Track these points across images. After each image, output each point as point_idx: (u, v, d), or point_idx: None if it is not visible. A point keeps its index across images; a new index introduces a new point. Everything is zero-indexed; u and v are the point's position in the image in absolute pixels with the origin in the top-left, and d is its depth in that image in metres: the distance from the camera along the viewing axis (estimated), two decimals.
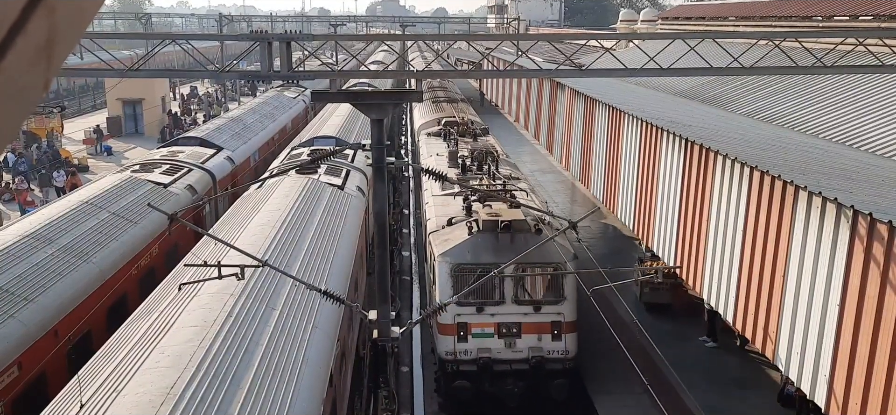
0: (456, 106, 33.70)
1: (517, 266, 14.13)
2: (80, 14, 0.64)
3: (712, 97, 27.29)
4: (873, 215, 8.89)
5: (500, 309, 14.77)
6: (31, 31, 0.61)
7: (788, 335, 10.82)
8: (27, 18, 0.60)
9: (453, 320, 14.69)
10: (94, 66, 17.11)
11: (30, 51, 0.61)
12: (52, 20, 0.61)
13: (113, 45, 63.20)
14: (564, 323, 14.86)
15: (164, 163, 19.93)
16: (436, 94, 39.17)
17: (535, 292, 14.87)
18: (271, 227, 13.14)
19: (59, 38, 0.63)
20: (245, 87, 57.87)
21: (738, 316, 12.53)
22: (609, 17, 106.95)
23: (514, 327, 14.78)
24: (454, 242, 15.23)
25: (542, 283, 14.87)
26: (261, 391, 7.92)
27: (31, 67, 0.62)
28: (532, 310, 14.78)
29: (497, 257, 14.28)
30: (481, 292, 14.61)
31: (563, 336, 14.79)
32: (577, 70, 14.88)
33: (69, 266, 12.77)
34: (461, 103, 35.78)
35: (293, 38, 12.83)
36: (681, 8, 56.76)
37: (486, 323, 14.75)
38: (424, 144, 25.78)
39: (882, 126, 18.40)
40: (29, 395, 10.49)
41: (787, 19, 31.53)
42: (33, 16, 0.60)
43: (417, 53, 67.92)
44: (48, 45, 0.62)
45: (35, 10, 0.60)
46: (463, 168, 20.09)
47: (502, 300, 14.80)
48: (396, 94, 11.71)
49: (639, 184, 18.18)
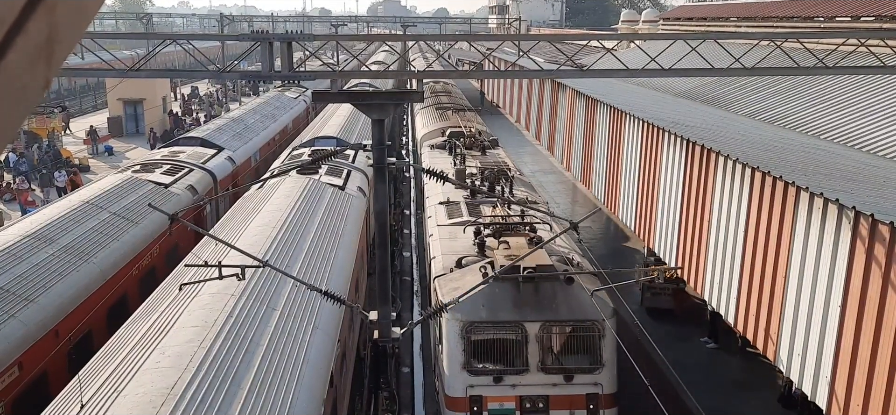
0: (462, 115, 30.65)
1: (544, 325, 11.78)
2: (80, 13, 0.63)
3: (714, 98, 27.27)
4: (875, 216, 8.87)
5: (523, 379, 11.79)
6: (32, 31, 0.60)
7: (790, 336, 10.81)
8: (27, 18, 0.60)
9: (465, 392, 11.76)
10: (95, 66, 17.12)
11: (30, 50, 0.61)
12: (51, 19, 0.61)
13: (114, 45, 63.27)
14: (602, 396, 11.83)
15: (164, 163, 19.93)
16: (439, 99, 35.95)
17: (565, 358, 11.93)
18: (272, 227, 13.13)
19: (60, 38, 0.62)
20: (245, 87, 57.91)
21: (740, 317, 12.51)
22: (610, 17, 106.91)
23: (540, 402, 11.79)
24: (465, 290, 11.99)
25: (574, 345, 12.02)
26: (261, 392, 7.91)
27: (31, 67, 0.62)
28: (562, 380, 11.80)
29: (519, 313, 11.80)
30: (500, 358, 11.85)
31: (602, 413, 11.88)
32: (579, 70, 14.87)
33: (70, 266, 12.77)
34: (467, 112, 32.77)
35: (294, 38, 12.83)
36: (682, 8, 56.74)
37: (505, 397, 11.83)
38: (427, 157, 22.81)
39: (884, 127, 18.37)
40: (30, 395, 10.49)
41: (789, 20, 31.51)
42: (33, 15, 0.60)
43: (418, 54, 67.93)
44: (48, 45, 0.62)
45: (35, 9, 0.60)
46: (472, 191, 17.13)
47: (526, 368, 11.82)
48: (397, 95, 11.71)
49: (640, 185, 18.17)
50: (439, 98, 36.34)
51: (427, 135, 27.10)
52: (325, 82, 11.90)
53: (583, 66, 15.10)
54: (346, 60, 24.22)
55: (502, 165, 20.41)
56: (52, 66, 0.63)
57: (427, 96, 35.95)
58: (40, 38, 0.61)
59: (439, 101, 34.70)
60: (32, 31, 0.60)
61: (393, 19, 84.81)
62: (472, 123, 27.56)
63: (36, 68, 0.62)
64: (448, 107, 32.84)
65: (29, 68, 0.62)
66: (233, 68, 14.36)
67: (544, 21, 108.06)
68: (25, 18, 0.59)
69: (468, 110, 33.18)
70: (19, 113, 0.61)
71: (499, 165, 20.34)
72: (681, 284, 19.84)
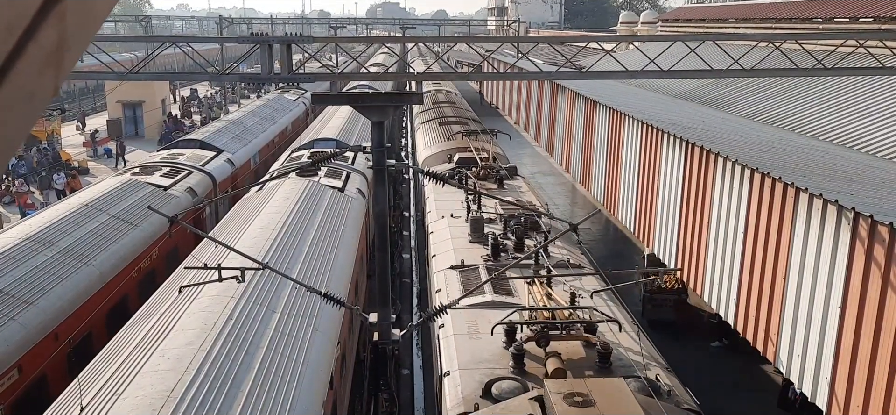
0: (472, 134, 25.04)
1: None
2: (89, 20, 0.64)
3: (713, 99, 27.29)
4: (874, 217, 8.88)
5: None
6: (42, 38, 0.61)
7: (790, 338, 10.81)
8: (38, 25, 0.60)
9: None
10: (94, 68, 17.13)
11: (40, 57, 0.61)
12: (62, 26, 0.61)
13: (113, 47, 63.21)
14: None
15: (164, 165, 19.93)
16: (441, 111, 30.84)
17: None
18: (272, 229, 13.13)
19: (69, 44, 0.63)
20: (245, 89, 57.90)
21: (740, 318, 12.52)
22: (609, 19, 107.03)
23: None
24: None
25: None
26: (261, 394, 7.91)
27: (41, 73, 0.62)
28: None
29: None
30: None
31: None
32: (578, 72, 14.87)
33: (69, 269, 12.76)
34: (474, 126, 27.29)
35: (293, 40, 12.83)
36: (681, 10, 56.79)
37: None
38: (433, 197, 17.19)
39: (883, 128, 18.40)
40: (29, 398, 10.48)
41: (788, 21, 31.54)
42: (45, 22, 0.60)
43: (418, 56, 67.96)
44: (58, 52, 0.62)
45: (46, 16, 0.60)
46: (495, 251, 12.69)
47: None
48: (397, 96, 11.71)
49: (639, 186, 18.17)
50: (442, 110, 31.70)
51: (431, 158, 22.87)
52: (325, 84, 11.90)
53: (582, 67, 15.10)
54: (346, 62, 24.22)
55: (529, 208, 15.29)
56: (61, 73, 0.64)
57: (428, 108, 32.45)
58: (51, 45, 0.61)
59: (442, 115, 30.18)
60: (43, 37, 0.60)
61: (392, 21, 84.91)
62: (484, 145, 22.80)
63: (45, 75, 0.63)
64: (452, 120, 28.44)
65: (38, 75, 0.62)
66: (232, 71, 14.36)
67: (543, 23, 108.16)
68: (37, 25, 0.60)
69: (474, 124, 28.05)
70: (28, 118, 0.62)
71: (524, 206, 15.25)
72: (682, 295, 19.77)
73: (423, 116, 31.13)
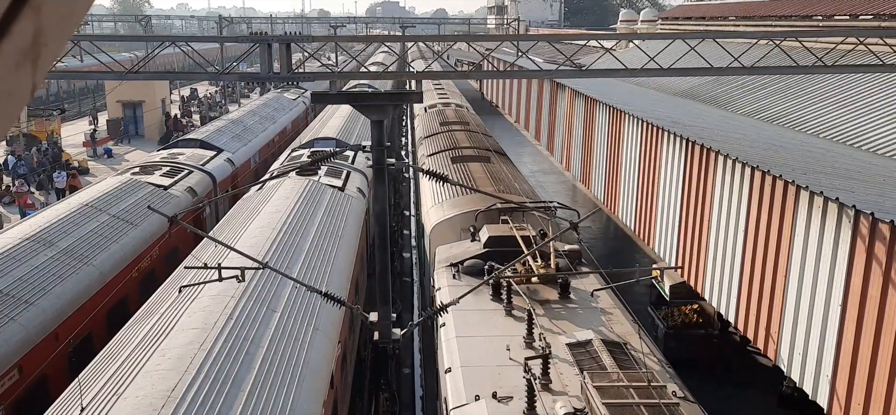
0: (503, 180, 17.21)
1: None
2: (67, 15, 0.62)
3: (713, 97, 27.26)
4: (875, 215, 8.86)
5: None
6: (16, 34, 0.59)
7: (790, 336, 10.80)
8: (11, 20, 0.58)
9: None
10: (93, 68, 17.11)
11: (14, 54, 0.59)
12: (37, 21, 0.59)
13: (113, 47, 63.21)
14: None
15: (164, 165, 19.92)
16: (454, 138, 22.46)
17: None
18: (272, 229, 13.12)
19: (46, 41, 0.61)
20: (245, 88, 57.88)
21: (740, 316, 12.50)
22: (609, 17, 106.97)
23: None
24: None
25: None
26: (262, 394, 7.90)
27: (16, 70, 0.60)
28: None
29: None
30: None
31: None
32: (578, 70, 14.85)
33: (69, 269, 12.75)
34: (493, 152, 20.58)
35: (293, 39, 12.81)
36: (681, 8, 56.73)
37: None
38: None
39: (883, 125, 18.37)
40: (30, 398, 10.48)
41: (788, 19, 31.51)
42: (18, 17, 0.58)
43: (418, 56, 67.92)
44: (34, 48, 0.60)
45: (20, 11, 0.58)
46: None
47: None
48: (396, 96, 11.69)
49: (640, 184, 18.15)
50: (453, 135, 22.72)
51: (442, 225, 14.48)
52: (325, 83, 11.88)
53: (582, 66, 15.09)
54: (345, 62, 24.21)
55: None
56: (39, 69, 0.62)
57: (434, 132, 24.21)
58: (25, 40, 0.59)
59: (455, 145, 21.17)
60: (17, 33, 0.58)
61: (391, 20, 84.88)
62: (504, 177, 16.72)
63: (21, 72, 0.61)
64: (470, 156, 19.48)
65: (14, 72, 0.60)
66: (231, 70, 14.34)
67: (543, 21, 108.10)
68: (10, 20, 0.58)
69: (501, 163, 19.33)
70: (4, 119, 0.60)
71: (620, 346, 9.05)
72: (708, 330, 17.26)
73: (429, 145, 22.51)
